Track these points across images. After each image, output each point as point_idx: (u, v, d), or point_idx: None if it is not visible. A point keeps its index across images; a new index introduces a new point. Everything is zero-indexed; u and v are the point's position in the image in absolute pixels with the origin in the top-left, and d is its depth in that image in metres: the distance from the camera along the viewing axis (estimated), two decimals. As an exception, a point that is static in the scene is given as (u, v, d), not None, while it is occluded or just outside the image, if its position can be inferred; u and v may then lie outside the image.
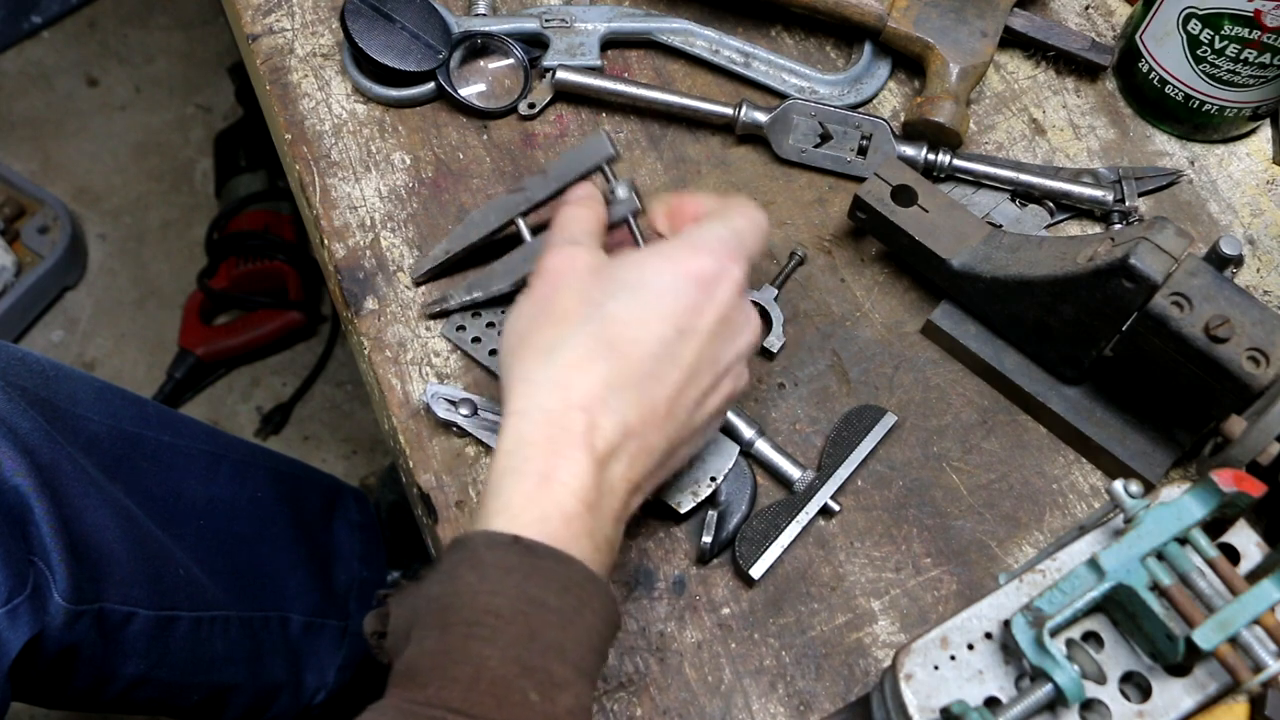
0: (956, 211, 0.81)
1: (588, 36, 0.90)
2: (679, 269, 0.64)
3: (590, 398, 0.60)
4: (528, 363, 0.62)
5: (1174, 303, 0.70)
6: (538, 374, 0.62)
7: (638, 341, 0.62)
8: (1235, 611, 0.58)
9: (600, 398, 0.60)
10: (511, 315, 0.66)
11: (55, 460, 0.90)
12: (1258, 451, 0.70)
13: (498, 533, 0.58)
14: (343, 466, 1.76)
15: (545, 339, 0.63)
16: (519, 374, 0.62)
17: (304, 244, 1.80)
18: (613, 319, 0.62)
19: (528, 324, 0.64)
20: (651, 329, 0.62)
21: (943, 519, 0.78)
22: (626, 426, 0.61)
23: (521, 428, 0.60)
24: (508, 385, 0.63)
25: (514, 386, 0.62)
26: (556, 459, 0.59)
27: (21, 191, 1.83)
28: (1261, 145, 0.93)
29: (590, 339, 0.62)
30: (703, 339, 0.63)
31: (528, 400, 0.61)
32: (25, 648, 0.86)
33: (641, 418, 0.61)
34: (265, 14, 0.92)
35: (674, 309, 0.63)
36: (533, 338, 0.63)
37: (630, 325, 0.62)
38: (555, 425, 0.60)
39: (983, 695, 0.62)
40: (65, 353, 1.82)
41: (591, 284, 0.64)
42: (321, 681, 1.26)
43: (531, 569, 0.56)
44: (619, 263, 0.65)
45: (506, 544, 0.57)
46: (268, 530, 1.20)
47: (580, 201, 0.71)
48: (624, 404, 0.61)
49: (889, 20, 0.89)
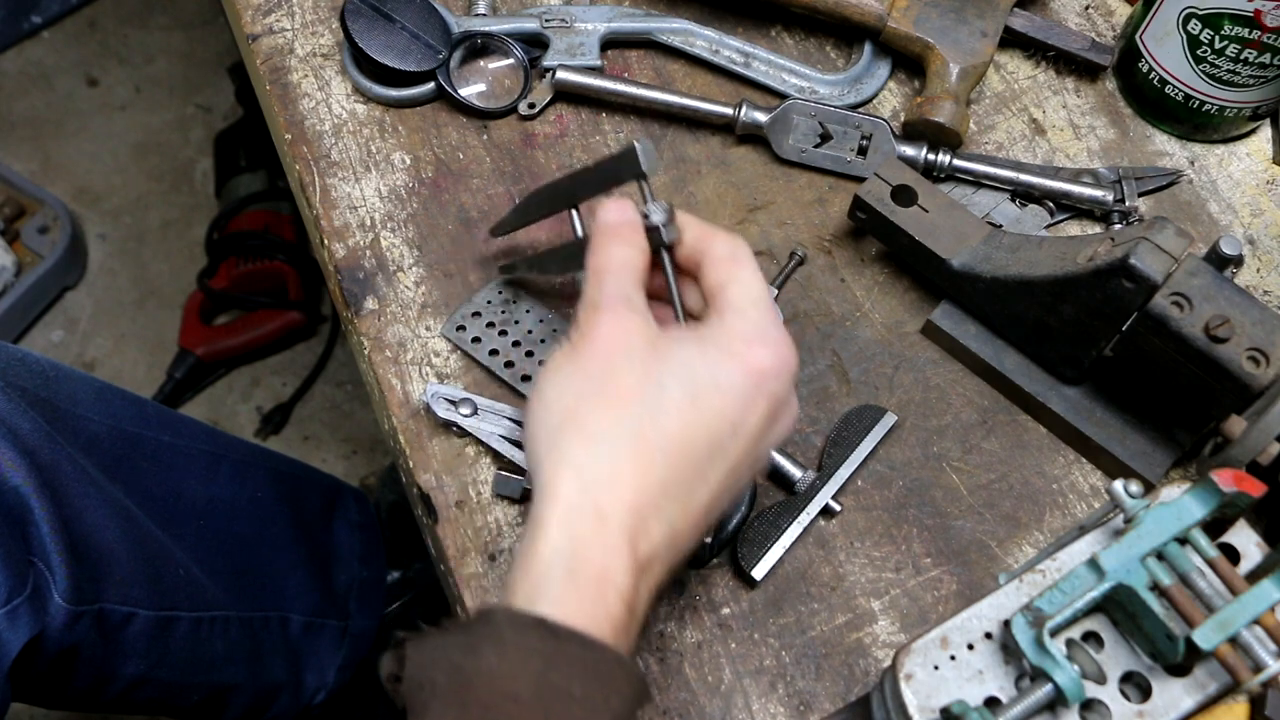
0: (956, 211, 0.81)
1: (588, 36, 0.90)
2: (744, 366, 0.61)
3: (645, 502, 0.58)
4: (577, 448, 0.59)
5: (1174, 303, 0.70)
6: (591, 465, 0.58)
7: (693, 441, 0.60)
8: (1235, 611, 0.58)
9: (655, 503, 0.58)
10: (553, 379, 0.62)
11: (55, 461, 0.90)
12: (1258, 451, 0.70)
13: (522, 612, 0.56)
14: (343, 466, 1.76)
15: (600, 423, 0.59)
16: (569, 457, 0.59)
17: (304, 244, 1.80)
18: (671, 412, 0.59)
19: (576, 399, 0.60)
20: (710, 427, 0.60)
21: (943, 519, 0.78)
22: (673, 533, 0.59)
23: (575, 524, 0.57)
24: (552, 463, 0.59)
25: (561, 471, 0.58)
26: (608, 562, 0.57)
27: (21, 191, 1.83)
28: (1261, 145, 0.93)
29: (648, 432, 0.59)
30: (752, 435, 0.61)
31: (581, 494, 0.58)
32: (25, 648, 0.86)
33: (685, 522, 0.60)
34: (265, 14, 0.92)
35: (732, 407, 0.60)
36: (585, 417, 0.59)
37: (689, 423, 0.59)
38: (609, 527, 0.57)
39: (983, 695, 0.62)
40: (65, 353, 1.82)
41: (650, 361, 0.60)
42: (321, 681, 1.26)
43: (555, 653, 0.54)
44: (679, 344, 0.61)
45: (530, 625, 0.55)
46: (268, 530, 1.20)
47: (623, 237, 0.65)
48: (673, 509, 0.59)
49: (889, 20, 0.89)
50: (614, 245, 0.65)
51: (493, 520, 0.76)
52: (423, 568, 1.41)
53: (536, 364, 0.80)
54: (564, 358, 0.62)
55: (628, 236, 0.65)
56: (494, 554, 0.75)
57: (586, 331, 0.62)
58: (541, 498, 0.59)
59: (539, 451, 0.60)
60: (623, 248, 0.65)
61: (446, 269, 0.84)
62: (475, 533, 0.76)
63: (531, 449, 0.61)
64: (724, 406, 0.60)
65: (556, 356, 0.62)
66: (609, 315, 0.62)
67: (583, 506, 0.57)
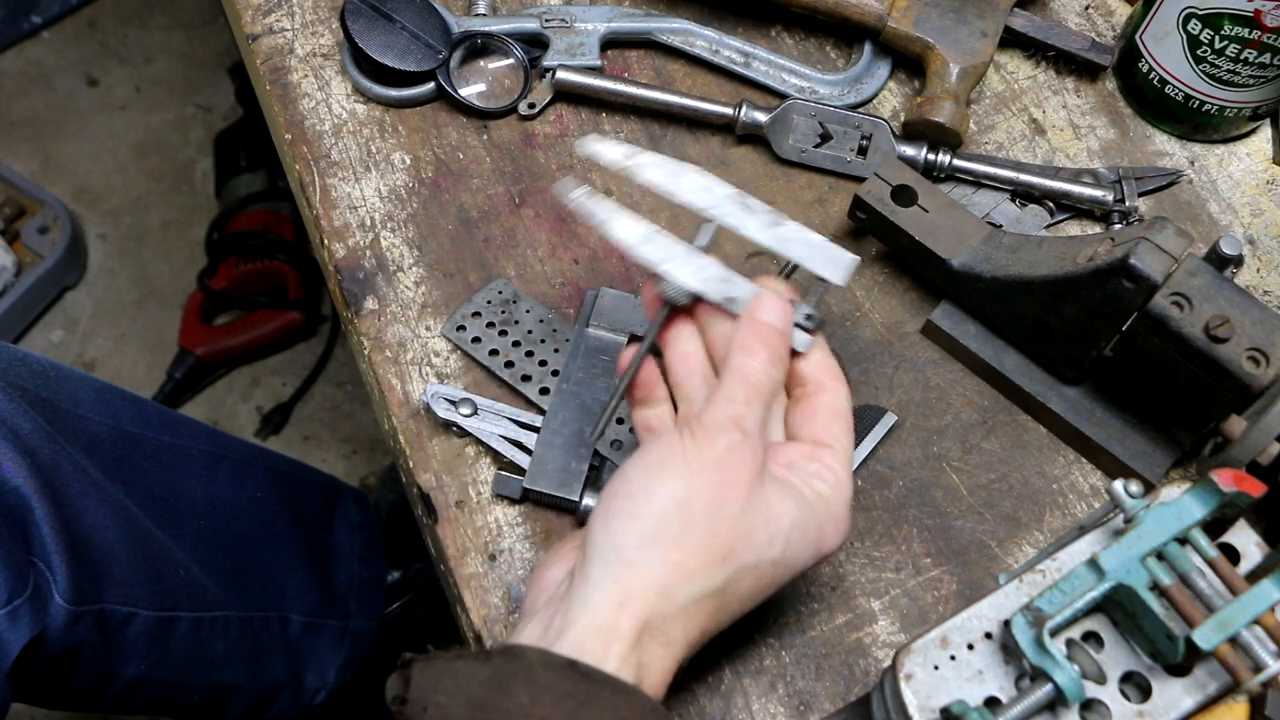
0: (956, 211, 0.81)
1: (588, 36, 0.90)
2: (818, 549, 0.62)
3: (696, 640, 0.60)
4: (654, 569, 0.58)
5: (1174, 303, 0.70)
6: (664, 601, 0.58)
7: (754, 597, 0.61)
8: (1235, 611, 0.58)
9: (700, 640, 0.60)
10: (659, 474, 0.60)
11: (56, 461, 0.90)
12: (1258, 451, 0.70)
13: (553, 653, 0.56)
14: (343, 466, 1.76)
15: (685, 561, 0.58)
16: (650, 576, 0.58)
17: (304, 244, 1.80)
18: (755, 580, 0.60)
19: (677, 517, 0.58)
20: (776, 581, 0.62)
21: (943, 519, 0.78)
22: (704, 635, 0.61)
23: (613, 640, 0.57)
24: (626, 563, 0.58)
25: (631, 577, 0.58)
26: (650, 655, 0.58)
27: (21, 191, 1.83)
28: (1261, 145, 0.93)
29: (729, 596, 0.60)
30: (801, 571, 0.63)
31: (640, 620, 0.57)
32: (26, 649, 0.86)
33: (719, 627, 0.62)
34: (265, 14, 0.92)
35: (798, 563, 0.62)
36: (667, 544, 0.58)
37: (760, 581, 0.61)
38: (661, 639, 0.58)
39: (983, 695, 0.62)
40: (65, 353, 1.82)
41: (754, 509, 0.59)
42: (322, 682, 1.26)
43: (588, 697, 0.54)
44: (779, 495, 0.61)
45: (562, 667, 0.55)
46: (268, 530, 1.20)
47: (777, 351, 0.62)
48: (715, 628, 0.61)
49: (889, 20, 0.89)
50: (770, 361, 0.62)
51: (493, 520, 0.76)
52: (423, 568, 1.41)
53: (537, 364, 0.80)
54: (676, 458, 0.60)
55: (780, 351, 0.63)
56: (494, 554, 0.75)
57: (711, 445, 0.59)
58: (597, 583, 0.58)
59: (608, 540, 0.59)
60: (776, 368, 0.62)
61: (446, 269, 0.84)
62: (475, 533, 0.76)
63: (607, 523, 0.60)
64: (791, 573, 0.62)
65: (667, 449, 0.60)
66: (741, 441, 0.60)
67: (632, 629, 0.57)
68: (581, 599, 0.58)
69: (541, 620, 0.59)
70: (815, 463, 0.63)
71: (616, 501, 0.60)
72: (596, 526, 0.60)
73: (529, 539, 0.76)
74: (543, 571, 0.64)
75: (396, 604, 1.40)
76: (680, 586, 0.58)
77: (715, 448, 0.59)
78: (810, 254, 0.64)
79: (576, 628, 0.57)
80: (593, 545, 0.59)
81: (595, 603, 0.58)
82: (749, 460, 0.60)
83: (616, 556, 0.58)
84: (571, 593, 0.59)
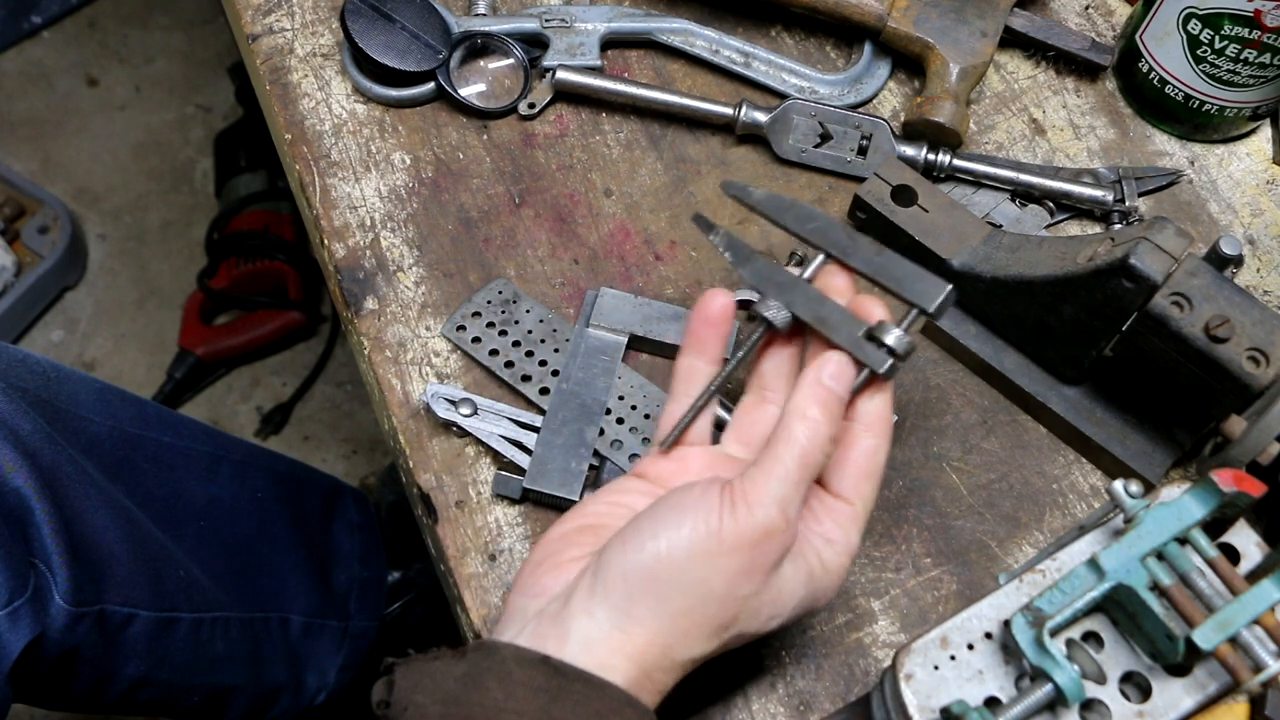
0: (956, 211, 0.81)
1: (588, 36, 0.90)
2: (812, 606, 0.63)
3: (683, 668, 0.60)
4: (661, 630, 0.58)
5: (1174, 303, 0.70)
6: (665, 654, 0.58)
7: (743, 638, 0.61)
8: (1235, 611, 0.58)
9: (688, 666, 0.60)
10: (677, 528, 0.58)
11: (56, 462, 0.90)
12: (1258, 451, 0.70)
13: (527, 649, 0.56)
14: (343, 466, 1.76)
15: (690, 630, 0.58)
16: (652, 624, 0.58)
17: (304, 244, 1.80)
18: (744, 637, 0.61)
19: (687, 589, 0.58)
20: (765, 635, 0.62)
21: (943, 519, 0.78)
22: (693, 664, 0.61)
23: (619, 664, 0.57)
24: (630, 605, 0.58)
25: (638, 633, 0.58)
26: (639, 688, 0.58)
27: (21, 191, 1.83)
28: (1261, 145, 0.93)
29: (719, 648, 0.60)
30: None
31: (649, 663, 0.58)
32: (26, 649, 0.86)
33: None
34: (265, 14, 0.92)
35: (788, 622, 0.62)
36: (679, 614, 0.58)
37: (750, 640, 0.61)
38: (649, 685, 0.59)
39: (983, 695, 0.62)
40: (65, 353, 1.82)
41: (768, 582, 0.59)
42: (322, 682, 1.26)
43: (560, 691, 0.54)
44: (793, 568, 0.60)
45: (535, 662, 0.55)
46: (268, 531, 1.20)
47: (835, 419, 0.60)
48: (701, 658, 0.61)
49: (889, 20, 0.89)
50: (827, 424, 0.60)
51: (493, 520, 0.76)
52: (423, 568, 1.41)
53: (537, 364, 0.80)
54: (711, 532, 0.58)
55: (836, 413, 0.60)
56: (494, 554, 0.75)
57: (751, 522, 0.58)
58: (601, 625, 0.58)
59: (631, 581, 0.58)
60: (829, 436, 0.60)
61: (446, 269, 0.84)
62: (475, 533, 0.76)
63: (623, 568, 0.58)
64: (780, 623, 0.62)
65: (705, 514, 0.58)
66: (781, 529, 0.58)
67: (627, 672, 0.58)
68: (582, 638, 0.57)
69: (532, 636, 0.59)
70: (828, 521, 0.62)
71: (639, 552, 0.58)
72: (613, 567, 0.58)
73: (529, 539, 0.76)
74: (535, 573, 0.62)
75: (397, 604, 1.40)
76: (680, 649, 0.59)
77: (753, 528, 0.58)
78: (907, 281, 0.64)
79: (577, 664, 0.57)
80: (604, 584, 0.58)
81: (595, 642, 0.57)
82: (779, 549, 0.59)
83: (626, 608, 0.58)
84: (570, 621, 0.58)
